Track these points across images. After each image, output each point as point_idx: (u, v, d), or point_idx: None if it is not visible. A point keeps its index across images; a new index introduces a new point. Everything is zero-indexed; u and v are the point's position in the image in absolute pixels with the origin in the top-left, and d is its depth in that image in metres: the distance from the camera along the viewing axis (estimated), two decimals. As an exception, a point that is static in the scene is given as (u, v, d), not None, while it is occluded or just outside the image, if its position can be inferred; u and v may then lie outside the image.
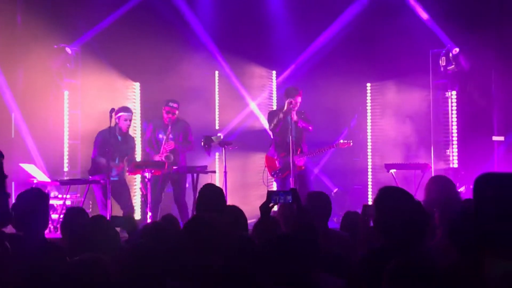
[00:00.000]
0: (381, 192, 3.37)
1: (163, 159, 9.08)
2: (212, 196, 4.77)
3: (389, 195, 3.33)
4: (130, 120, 9.12)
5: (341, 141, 9.29)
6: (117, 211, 8.81)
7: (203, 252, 3.62)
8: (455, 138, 10.47)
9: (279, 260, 3.03)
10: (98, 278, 3.10)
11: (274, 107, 12.12)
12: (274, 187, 10.10)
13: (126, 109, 9.13)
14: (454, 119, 10.49)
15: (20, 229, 4.15)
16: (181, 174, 9.24)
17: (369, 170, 11.33)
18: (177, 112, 9.21)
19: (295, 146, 8.93)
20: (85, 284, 3.07)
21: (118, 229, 4.48)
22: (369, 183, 11.28)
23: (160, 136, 9.27)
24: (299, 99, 9.08)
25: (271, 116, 9.38)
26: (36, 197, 4.32)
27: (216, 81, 11.87)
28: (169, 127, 9.16)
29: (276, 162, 9.30)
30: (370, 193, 11.16)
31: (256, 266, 3.11)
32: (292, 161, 8.80)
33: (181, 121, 9.35)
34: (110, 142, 8.62)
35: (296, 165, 8.93)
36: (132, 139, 9.37)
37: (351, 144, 9.25)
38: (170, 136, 9.21)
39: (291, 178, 8.81)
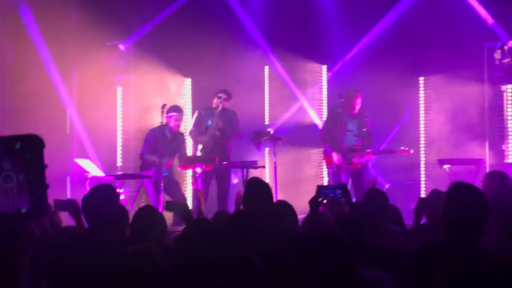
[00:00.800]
0: (453, 187, 3.40)
1: (211, 137, 9.05)
2: (258, 190, 4.73)
3: (462, 190, 3.37)
4: (181, 121, 9.20)
5: (402, 148, 9.29)
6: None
7: (249, 245, 3.61)
8: (510, 133, 10.19)
9: (324, 254, 3.00)
10: (149, 269, 3.12)
11: (324, 102, 12.05)
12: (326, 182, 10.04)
13: (177, 109, 9.19)
14: (510, 113, 10.21)
15: (89, 222, 4.19)
16: (228, 169, 9.26)
17: (422, 165, 11.14)
18: (227, 102, 9.24)
19: (357, 145, 9.09)
20: (138, 275, 3.09)
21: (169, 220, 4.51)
22: (422, 178, 11.09)
23: (209, 122, 9.27)
24: (358, 101, 9.11)
25: (329, 114, 9.44)
26: (107, 193, 4.34)
27: (266, 76, 11.85)
28: (219, 114, 9.15)
29: (334, 157, 9.21)
30: (423, 188, 10.97)
31: (302, 259, 3.08)
32: (348, 158, 8.95)
33: (230, 111, 9.37)
34: (161, 140, 8.71)
35: (353, 162, 8.98)
36: (182, 136, 9.43)
37: (411, 152, 9.29)
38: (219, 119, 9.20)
39: (343, 174, 8.81)
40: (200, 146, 9.28)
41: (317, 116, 11.96)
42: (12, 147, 1.52)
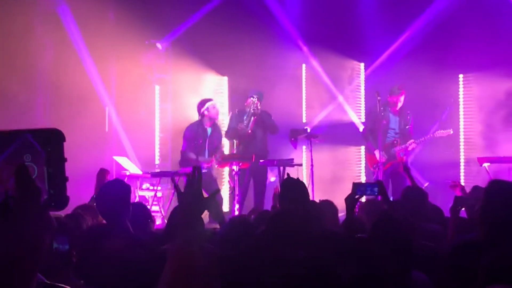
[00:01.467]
0: (492, 184, 3.37)
1: (249, 131, 9.04)
2: (294, 188, 4.70)
3: (501, 187, 3.34)
4: (216, 108, 9.20)
5: (441, 131, 9.23)
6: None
7: (285, 245, 3.58)
8: (553, 131, 9.96)
9: (361, 257, 2.96)
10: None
11: (362, 100, 11.94)
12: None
13: (209, 99, 9.25)
14: (552, 111, 9.98)
15: (105, 218, 4.24)
16: (264, 167, 9.25)
17: (461, 164, 10.96)
18: (260, 102, 9.22)
19: (398, 140, 9.14)
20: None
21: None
22: (461, 177, 10.90)
23: (245, 122, 9.27)
24: (401, 99, 9.15)
25: (371, 112, 9.41)
26: (119, 188, 4.37)
27: (303, 74, 11.80)
28: (252, 113, 9.14)
29: (376, 154, 9.16)
30: (462, 187, 10.78)
31: (339, 259, 3.04)
32: (391, 153, 9.05)
33: (264, 112, 9.33)
34: (199, 135, 8.74)
35: (397, 156, 9.05)
36: (220, 129, 9.45)
37: (451, 132, 9.27)
38: (250, 125, 9.20)
39: (380, 172, 8.78)
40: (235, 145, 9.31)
41: (355, 114, 11.85)
42: (33, 140, 1.53)
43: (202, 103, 9.06)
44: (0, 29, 8.53)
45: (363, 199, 5.63)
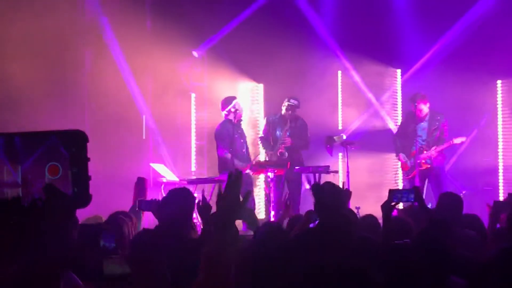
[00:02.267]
0: None
1: (278, 154, 9.10)
2: (331, 195, 4.68)
3: None
4: (241, 107, 9.23)
5: (456, 139, 9.18)
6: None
7: (319, 251, 3.58)
8: None
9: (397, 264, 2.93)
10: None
11: (399, 107, 11.86)
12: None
13: (233, 97, 9.28)
14: None
15: (165, 223, 4.25)
16: (299, 174, 9.23)
17: (500, 170, 10.78)
18: (297, 109, 9.23)
19: (424, 146, 9.13)
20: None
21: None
22: (500, 184, 10.73)
23: (278, 133, 9.30)
24: (421, 106, 9.12)
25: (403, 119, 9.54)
26: (184, 197, 4.40)
27: (339, 80, 11.77)
28: (288, 124, 9.18)
29: (401, 159, 9.37)
30: (501, 194, 10.60)
31: (375, 267, 3.02)
32: (418, 161, 8.96)
33: (300, 119, 9.36)
34: (235, 131, 8.77)
35: (421, 163, 8.91)
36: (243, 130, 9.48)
37: (464, 140, 9.25)
38: (287, 134, 9.21)
39: (417, 178, 8.74)
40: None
41: (391, 120, 11.77)
42: (58, 142, 1.58)
43: (228, 101, 9.07)
44: (39, 40, 8.67)
45: (400, 206, 5.58)
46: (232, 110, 9.02)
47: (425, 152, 9.18)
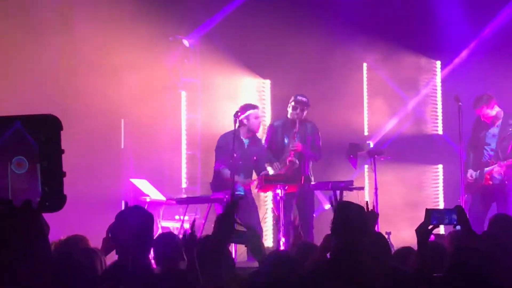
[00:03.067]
0: None
1: (287, 163, 9.08)
2: (353, 216, 4.64)
3: None
4: (260, 118, 9.22)
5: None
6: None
7: (345, 282, 3.56)
8: None
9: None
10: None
11: (439, 106, 11.84)
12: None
13: (254, 106, 9.24)
14: None
15: (122, 254, 4.26)
16: (312, 191, 9.20)
17: None
18: (306, 109, 9.19)
19: (492, 158, 9.24)
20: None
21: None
22: None
23: (285, 140, 9.27)
24: (486, 111, 9.21)
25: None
26: (140, 217, 4.40)
27: (364, 75, 11.77)
28: (297, 126, 9.16)
29: (468, 174, 9.35)
30: None
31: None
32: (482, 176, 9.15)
33: (309, 122, 9.34)
34: (236, 147, 8.72)
35: (484, 178, 9.19)
36: (261, 142, 9.43)
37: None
38: (296, 137, 9.19)
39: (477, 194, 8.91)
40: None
41: (430, 123, 11.76)
42: (24, 129, 1.55)
43: (243, 109, 9.06)
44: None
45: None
46: (245, 121, 9.03)
47: (491, 165, 9.19)
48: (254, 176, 9.23)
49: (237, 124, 8.75)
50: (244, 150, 9.13)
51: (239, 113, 8.82)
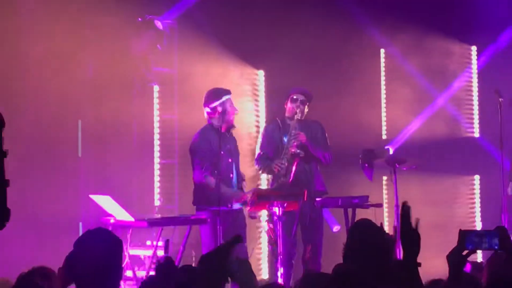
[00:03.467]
0: None
1: (291, 153, 9.07)
2: (367, 239, 4.64)
3: None
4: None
5: None
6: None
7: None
8: None
9: None
10: None
11: (475, 102, 11.87)
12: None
13: (227, 90, 9.20)
14: None
15: None
16: (320, 208, 9.21)
17: None
18: (306, 106, 9.20)
19: None
20: None
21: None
22: None
23: (285, 139, 9.27)
24: None
25: None
26: (105, 244, 4.39)
27: (382, 65, 11.79)
28: (296, 123, 9.17)
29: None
30: None
31: None
32: None
33: (314, 121, 9.35)
34: (217, 144, 8.71)
35: None
36: (234, 139, 9.41)
37: None
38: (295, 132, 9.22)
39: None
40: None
41: (464, 123, 11.80)
42: None
43: (216, 94, 9.02)
44: None
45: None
46: (220, 109, 8.98)
47: None
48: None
49: (216, 120, 8.81)
50: (230, 147, 9.11)
51: (213, 100, 8.87)
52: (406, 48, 11.65)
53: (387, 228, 5.29)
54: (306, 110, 9.28)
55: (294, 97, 9.28)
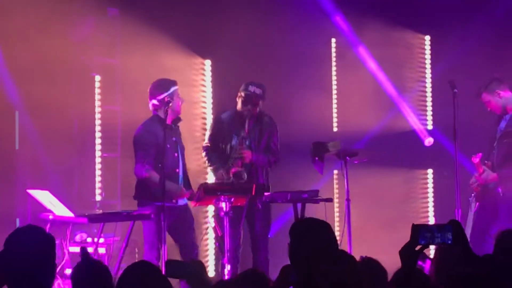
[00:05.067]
0: None
1: (231, 176, 9.06)
2: (317, 237, 4.60)
3: None
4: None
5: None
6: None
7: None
8: None
9: None
10: None
11: (428, 94, 11.94)
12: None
13: (174, 81, 9.16)
14: None
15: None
16: (269, 205, 9.22)
17: None
18: (261, 102, 9.17)
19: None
20: None
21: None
22: None
23: (234, 141, 9.25)
24: (488, 99, 9.51)
25: None
26: (36, 241, 4.34)
27: (333, 54, 11.81)
28: (246, 124, 9.14)
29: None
30: None
31: None
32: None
33: (266, 117, 9.31)
34: (167, 137, 8.67)
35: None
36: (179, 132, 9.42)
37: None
38: (247, 140, 9.18)
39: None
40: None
41: (416, 117, 11.85)
42: None
43: (163, 86, 8.99)
44: None
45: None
46: (167, 100, 8.93)
47: (483, 167, 9.49)
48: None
49: (162, 111, 8.77)
50: (177, 140, 9.07)
51: (160, 92, 8.85)
52: (358, 37, 11.67)
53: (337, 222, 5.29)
54: (259, 108, 9.22)
55: (246, 98, 9.20)
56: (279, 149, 9.41)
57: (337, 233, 8.74)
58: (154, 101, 8.94)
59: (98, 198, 10.72)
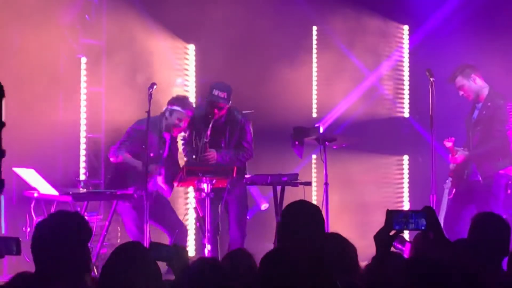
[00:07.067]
0: None
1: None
2: (303, 219, 4.65)
3: None
4: (186, 122, 9.15)
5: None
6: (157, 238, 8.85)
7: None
8: None
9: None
10: None
11: (406, 82, 11.97)
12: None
13: (183, 104, 9.22)
14: None
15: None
16: (245, 186, 9.30)
17: None
18: (226, 105, 9.14)
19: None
20: None
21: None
22: None
23: (201, 142, 9.26)
24: (463, 82, 9.48)
25: None
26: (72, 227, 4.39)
27: (314, 42, 11.82)
28: (209, 130, 9.11)
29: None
30: None
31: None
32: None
33: (236, 114, 9.28)
34: (155, 143, 8.71)
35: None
36: (176, 144, 9.58)
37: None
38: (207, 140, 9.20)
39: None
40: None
41: (393, 103, 11.89)
42: None
43: (174, 101, 9.17)
44: None
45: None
46: (167, 116, 9.08)
47: (456, 149, 9.50)
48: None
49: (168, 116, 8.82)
50: (160, 146, 9.12)
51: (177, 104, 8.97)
52: (339, 25, 11.67)
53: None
54: (224, 112, 9.19)
55: (213, 95, 9.18)
56: (252, 146, 9.36)
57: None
58: (168, 107, 9.16)
59: (82, 177, 10.71)
